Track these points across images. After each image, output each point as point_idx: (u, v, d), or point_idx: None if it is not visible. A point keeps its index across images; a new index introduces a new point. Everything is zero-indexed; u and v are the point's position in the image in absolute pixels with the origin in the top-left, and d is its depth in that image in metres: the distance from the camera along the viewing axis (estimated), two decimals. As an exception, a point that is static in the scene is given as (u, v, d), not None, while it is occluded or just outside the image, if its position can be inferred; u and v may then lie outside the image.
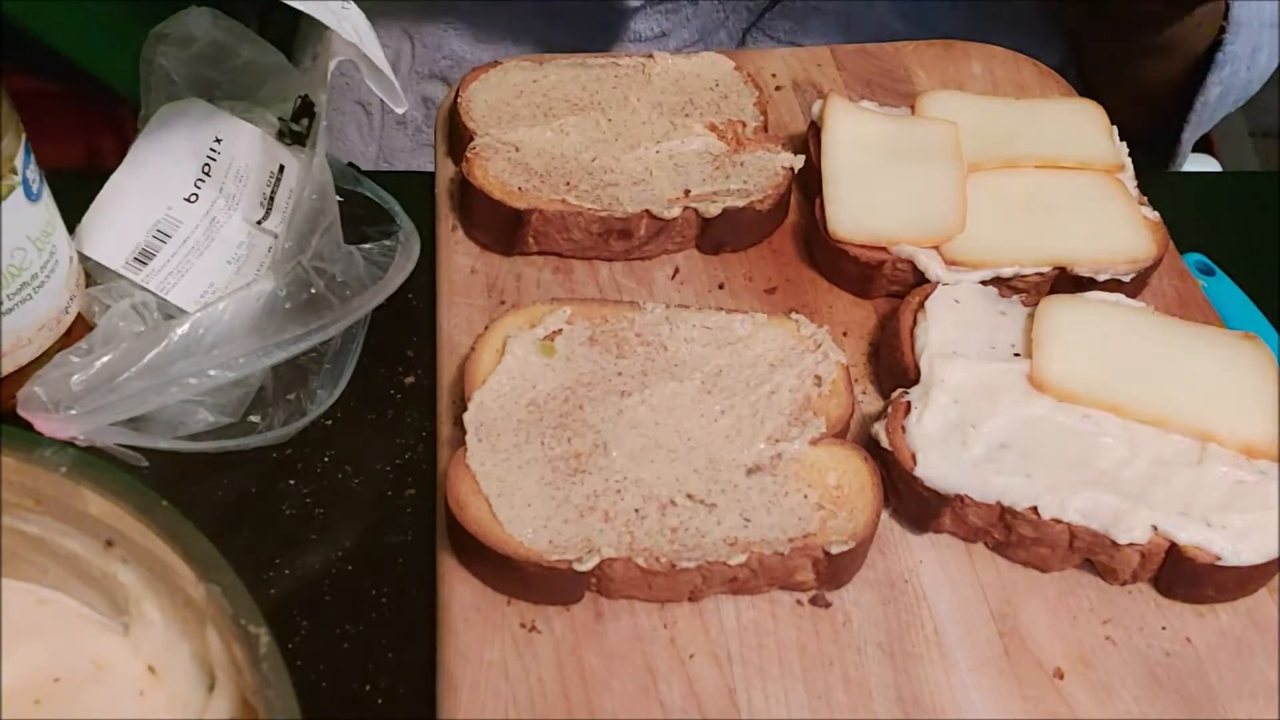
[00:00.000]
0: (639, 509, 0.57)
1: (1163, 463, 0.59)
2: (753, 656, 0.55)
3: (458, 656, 0.54)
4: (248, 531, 0.62)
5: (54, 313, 0.62)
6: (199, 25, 0.70)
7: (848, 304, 0.70)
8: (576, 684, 0.53)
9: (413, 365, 0.69)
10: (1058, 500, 0.57)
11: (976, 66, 0.85)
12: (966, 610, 0.57)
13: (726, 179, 0.71)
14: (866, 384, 0.67)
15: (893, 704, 0.54)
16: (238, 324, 0.62)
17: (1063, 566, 0.59)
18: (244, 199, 0.69)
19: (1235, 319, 0.74)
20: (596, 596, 0.56)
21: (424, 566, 0.59)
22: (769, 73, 0.83)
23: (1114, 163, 0.73)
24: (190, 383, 0.60)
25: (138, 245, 0.66)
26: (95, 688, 0.48)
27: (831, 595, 0.57)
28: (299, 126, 0.72)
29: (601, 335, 0.63)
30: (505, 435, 0.59)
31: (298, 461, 0.64)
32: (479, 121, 0.73)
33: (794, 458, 0.59)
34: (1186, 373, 0.62)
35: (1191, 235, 0.75)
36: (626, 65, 0.78)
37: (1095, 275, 0.68)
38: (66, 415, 0.58)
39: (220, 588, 0.44)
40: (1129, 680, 0.56)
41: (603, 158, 0.72)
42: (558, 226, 0.69)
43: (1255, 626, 0.58)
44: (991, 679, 0.55)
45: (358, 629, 0.59)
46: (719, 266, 0.71)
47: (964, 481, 0.58)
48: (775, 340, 0.64)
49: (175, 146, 0.69)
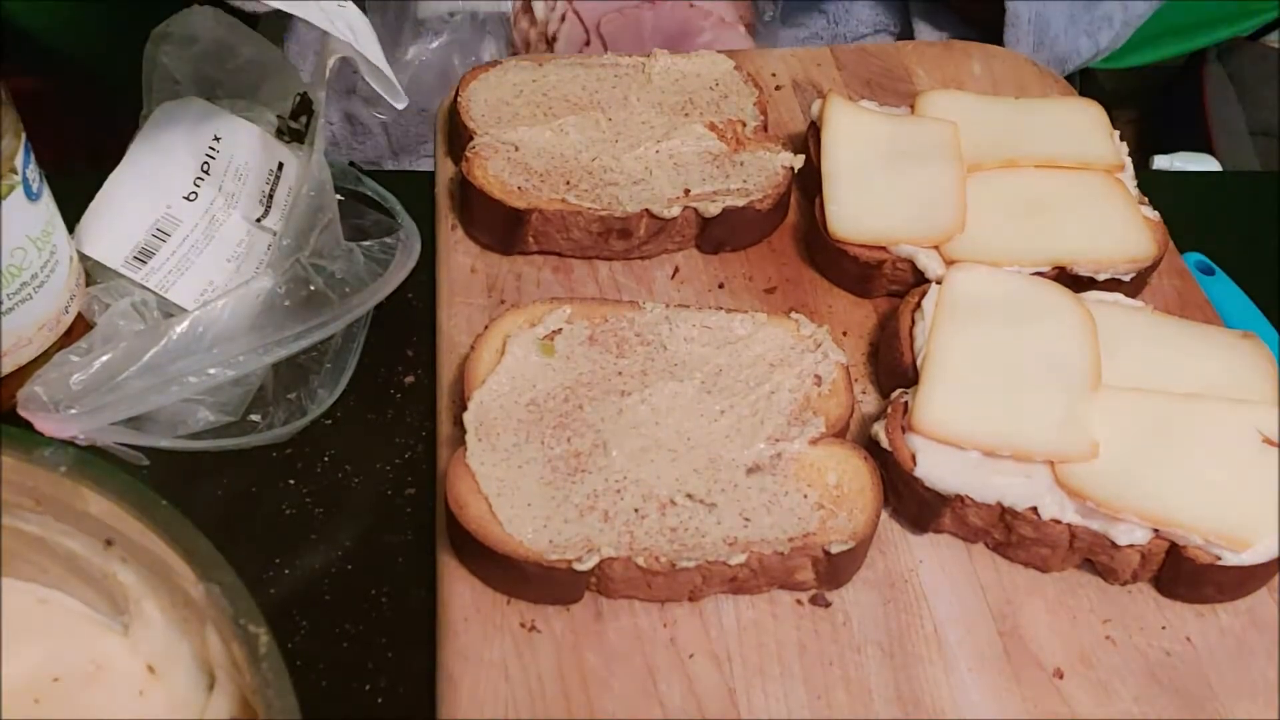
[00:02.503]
0: (639, 509, 0.57)
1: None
2: (753, 656, 0.55)
3: (458, 656, 0.54)
4: (248, 531, 0.62)
5: (54, 312, 0.62)
6: (201, 24, 0.70)
7: (848, 304, 0.70)
8: (576, 684, 0.53)
9: (413, 365, 0.69)
10: (1058, 500, 0.57)
11: (976, 66, 0.85)
12: (966, 610, 0.57)
13: (726, 179, 0.71)
14: (866, 384, 0.67)
15: (892, 704, 0.54)
16: (237, 322, 0.62)
17: (1063, 566, 0.59)
18: (243, 197, 0.69)
19: (1235, 319, 0.74)
20: (596, 596, 0.56)
21: (424, 566, 0.59)
22: (769, 73, 0.83)
23: (1114, 162, 0.73)
24: (190, 381, 0.60)
25: (137, 244, 0.66)
26: (95, 687, 0.48)
27: (831, 595, 0.57)
28: (298, 124, 0.72)
29: (601, 335, 0.63)
30: (505, 435, 0.59)
31: (298, 461, 0.64)
32: (479, 121, 0.73)
33: (794, 457, 0.59)
34: (1186, 373, 0.62)
35: (1191, 235, 0.75)
36: (626, 65, 0.78)
37: (1095, 275, 0.68)
38: (66, 415, 0.58)
39: (220, 587, 0.44)
40: (1129, 680, 0.56)
41: (603, 157, 0.72)
42: (557, 226, 0.69)
43: (1255, 626, 0.58)
44: (991, 679, 0.55)
45: (358, 629, 0.59)
46: (719, 266, 0.71)
47: (964, 481, 0.58)
48: (775, 340, 0.64)
49: (174, 145, 0.69)
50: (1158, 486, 0.57)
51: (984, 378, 0.61)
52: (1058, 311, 0.64)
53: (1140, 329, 0.64)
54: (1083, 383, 0.61)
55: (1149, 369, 0.62)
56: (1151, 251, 0.69)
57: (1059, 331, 0.63)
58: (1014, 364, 0.62)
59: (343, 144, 1.00)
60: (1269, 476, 0.58)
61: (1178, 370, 0.63)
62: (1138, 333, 0.64)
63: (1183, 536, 0.56)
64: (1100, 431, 0.59)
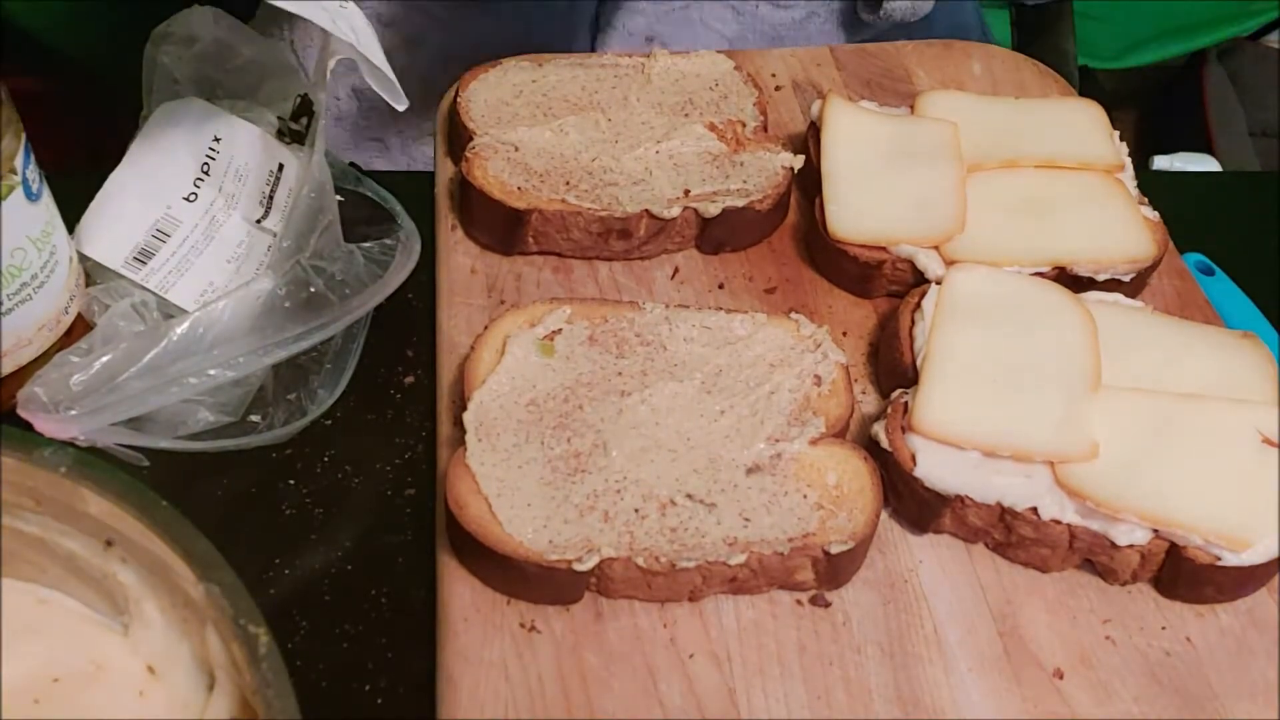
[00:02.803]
0: (639, 509, 0.57)
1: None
2: (753, 656, 0.55)
3: (458, 656, 0.54)
4: (248, 531, 0.62)
5: (54, 313, 0.62)
6: (201, 24, 0.71)
7: (848, 304, 0.70)
8: (576, 684, 0.53)
9: (413, 365, 0.69)
10: (1058, 500, 0.57)
11: (976, 66, 0.85)
12: (966, 610, 0.57)
13: (726, 179, 0.71)
14: (866, 384, 0.67)
15: (892, 704, 0.54)
16: (237, 323, 0.62)
17: (1063, 567, 0.59)
18: (243, 198, 0.69)
19: (1235, 319, 0.74)
20: (596, 596, 0.56)
21: (424, 566, 0.59)
22: (769, 73, 0.83)
23: (1114, 163, 0.73)
24: (190, 382, 0.60)
25: (137, 245, 0.66)
26: (95, 688, 0.48)
27: (831, 595, 0.57)
28: (298, 125, 0.72)
29: (601, 335, 0.63)
30: (505, 435, 0.59)
31: (298, 461, 0.64)
32: (478, 121, 0.73)
33: (794, 458, 0.59)
34: (1186, 373, 0.62)
35: (1191, 235, 0.75)
36: (626, 65, 0.78)
37: (1095, 275, 0.68)
38: (66, 415, 0.58)
39: (220, 588, 0.44)
40: (1129, 680, 0.56)
41: (602, 158, 0.72)
42: (557, 226, 0.69)
43: (1255, 626, 0.58)
44: (991, 679, 0.55)
45: (358, 629, 0.59)
46: (719, 266, 0.71)
47: (964, 481, 0.58)
48: (775, 340, 0.64)
49: (174, 146, 0.69)
50: (1158, 486, 0.57)
51: (984, 378, 0.61)
52: (1058, 311, 0.64)
53: (1140, 329, 0.64)
54: (1083, 383, 0.61)
55: (1149, 369, 0.62)
56: (1151, 252, 0.69)
57: (1059, 331, 0.63)
58: (1014, 364, 0.62)
59: (347, 119, 0.98)
60: (1269, 476, 0.58)
61: (1178, 370, 0.63)
62: (1138, 333, 0.64)
63: (1183, 537, 0.56)
64: (1100, 431, 0.59)
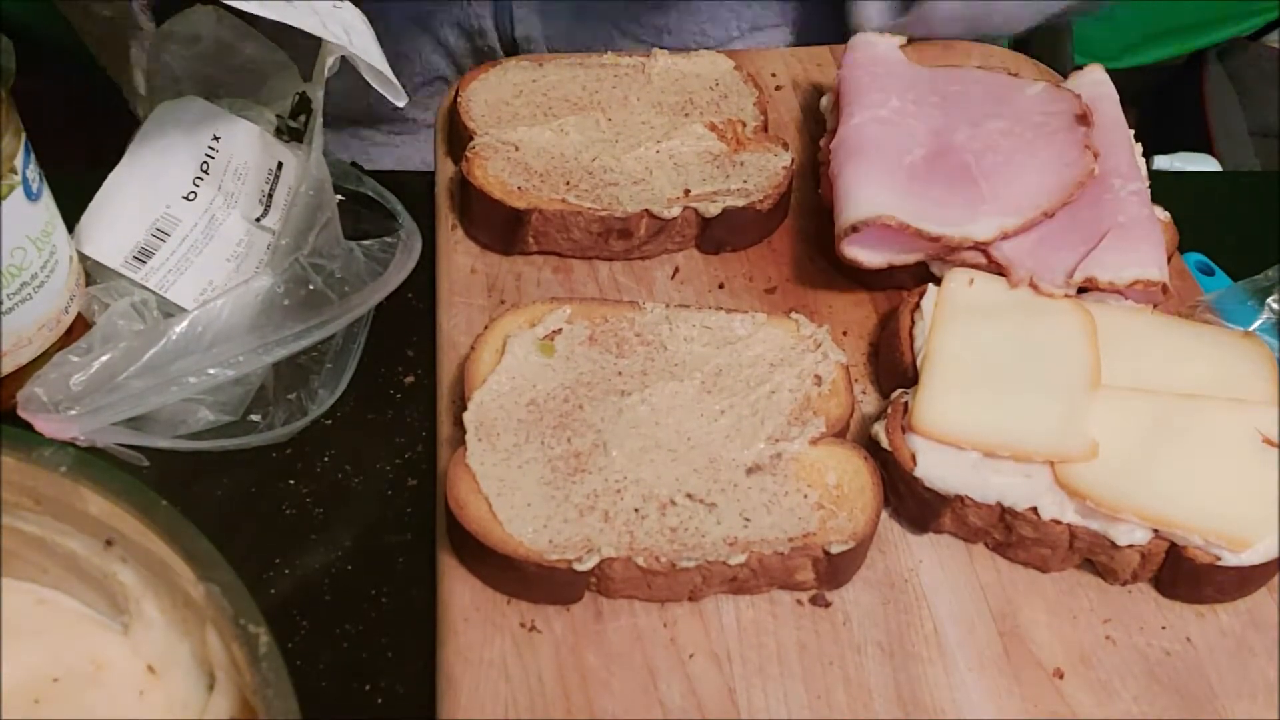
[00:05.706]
0: (639, 509, 0.57)
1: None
2: (753, 656, 0.55)
3: (458, 656, 0.54)
4: (248, 531, 0.62)
5: (54, 312, 0.62)
6: (203, 24, 0.71)
7: (848, 304, 0.70)
8: (576, 684, 0.53)
9: (413, 365, 0.69)
10: (1058, 500, 0.57)
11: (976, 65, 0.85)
12: (966, 610, 0.57)
13: (726, 179, 0.71)
14: (866, 384, 0.67)
15: (893, 704, 0.54)
16: (237, 321, 0.62)
17: (1063, 567, 0.59)
18: (243, 196, 0.69)
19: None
20: (596, 596, 0.56)
21: (424, 566, 0.59)
22: (769, 72, 0.83)
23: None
24: (190, 381, 0.60)
25: (137, 244, 0.66)
26: (95, 688, 0.48)
27: (831, 595, 0.57)
28: (296, 123, 0.72)
29: (601, 335, 0.63)
30: (505, 435, 0.59)
31: (298, 461, 0.64)
32: (479, 121, 0.73)
33: (794, 457, 0.59)
34: (1186, 373, 0.62)
35: (1191, 235, 0.75)
36: (626, 65, 0.78)
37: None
38: (66, 415, 0.58)
39: (220, 587, 0.44)
40: (1129, 680, 0.56)
41: (603, 157, 0.72)
42: (558, 226, 0.69)
43: (1255, 626, 0.58)
44: (991, 679, 0.55)
45: (358, 629, 0.59)
46: (719, 266, 0.71)
47: (964, 481, 0.58)
48: (775, 340, 0.64)
49: (173, 145, 0.69)
50: (1157, 486, 0.57)
51: (984, 378, 0.61)
52: (1057, 312, 0.64)
53: (1140, 329, 0.64)
54: (1083, 383, 0.61)
55: (1149, 369, 0.62)
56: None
57: (1059, 331, 0.63)
58: (1014, 364, 0.62)
59: (352, 95, 0.97)
60: (1269, 476, 0.58)
61: (1178, 370, 0.63)
62: (1138, 333, 0.64)
63: (1182, 536, 0.57)
64: (1100, 431, 0.59)
